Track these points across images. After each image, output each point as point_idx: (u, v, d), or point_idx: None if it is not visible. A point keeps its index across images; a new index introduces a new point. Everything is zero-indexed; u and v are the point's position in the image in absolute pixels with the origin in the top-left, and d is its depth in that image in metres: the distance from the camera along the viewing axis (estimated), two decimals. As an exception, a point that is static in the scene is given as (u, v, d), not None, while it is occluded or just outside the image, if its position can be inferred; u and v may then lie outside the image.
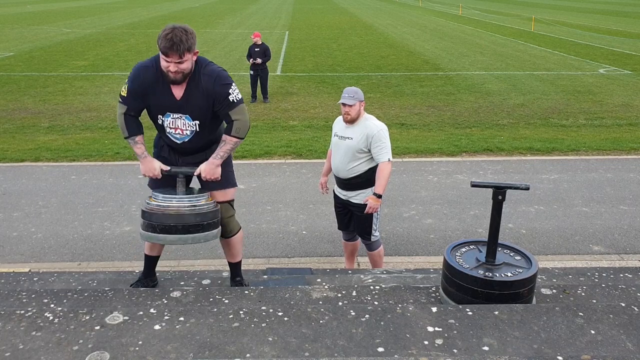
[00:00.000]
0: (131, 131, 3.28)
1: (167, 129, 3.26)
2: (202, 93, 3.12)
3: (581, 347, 2.50)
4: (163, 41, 2.96)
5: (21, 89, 13.52)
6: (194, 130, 3.23)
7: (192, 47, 3.04)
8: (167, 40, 2.94)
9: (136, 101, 3.20)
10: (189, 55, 3.03)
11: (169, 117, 3.21)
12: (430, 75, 15.75)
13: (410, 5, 54.01)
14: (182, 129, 3.23)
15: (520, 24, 33.52)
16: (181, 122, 3.20)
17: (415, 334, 2.59)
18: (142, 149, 3.30)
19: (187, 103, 3.15)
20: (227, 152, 3.28)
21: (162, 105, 3.19)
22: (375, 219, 4.38)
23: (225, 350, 2.46)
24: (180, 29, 3.00)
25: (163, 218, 3.21)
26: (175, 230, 3.20)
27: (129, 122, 3.26)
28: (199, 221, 3.23)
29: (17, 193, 6.80)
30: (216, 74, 3.16)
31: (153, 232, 3.24)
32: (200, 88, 3.12)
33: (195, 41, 3.07)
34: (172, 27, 3.00)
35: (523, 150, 8.65)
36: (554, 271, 4.21)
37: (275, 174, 7.60)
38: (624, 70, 16.84)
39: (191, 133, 3.24)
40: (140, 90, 3.16)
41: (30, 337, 2.53)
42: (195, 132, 3.24)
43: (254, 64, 11.77)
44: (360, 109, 4.22)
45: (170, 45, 2.94)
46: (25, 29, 28.24)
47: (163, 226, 3.21)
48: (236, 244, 3.71)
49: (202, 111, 3.18)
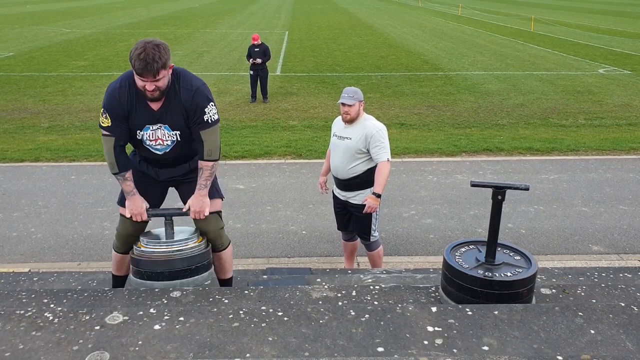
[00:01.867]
0: (121, 167, 3.15)
1: (147, 142, 3.12)
2: (180, 106, 3.01)
3: (581, 347, 2.50)
4: (136, 62, 2.82)
5: (21, 89, 13.52)
6: (175, 140, 3.12)
7: (167, 62, 2.90)
8: (140, 61, 2.80)
9: (121, 126, 3.05)
10: (164, 72, 2.89)
11: (148, 129, 3.08)
12: (430, 75, 15.75)
13: (410, 5, 54.01)
14: (163, 139, 3.10)
15: (519, 24, 33.53)
16: (161, 132, 3.08)
17: (415, 334, 2.59)
18: (131, 186, 3.20)
19: (166, 114, 3.04)
20: (208, 179, 3.18)
21: (140, 121, 3.06)
22: (374, 219, 4.38)
23: (225, 350, 2.46)
24: (151, 46, 2.84)
25: (150, 265, 3.17)
26: (163, 277, 3.15)
27: (119, 155, 3.12)
28: (185, 266, 3.17)
29: (16, 193, 6.80)
30: (195, 89, 3.03)
31: (141, 279, 3.20)
32: (178, 101, 3.00)
33: (169, 56, 2.93)
34: (143, 46, 2.83)
35: (523, 150, 8.66)
36: (553, 271, 4.21)
37: (275, 174, 7.60)
38: (623, 70, 16.85)
39: (172, 143, 3.12)
40: (121, 113, 3.02)
41: (30, 337, 2.53)
42: (176, 141, 3.12)
43: (253, 64, 11.78)
44: (359, 109, 4.22)
45: (144, 65, 2.81)
46: (25, 29, 28.23)
47: (150, 273, 3.17)
48: (228, 258, 3.55)
49: (182, 123, 3.07)
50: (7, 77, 14.99)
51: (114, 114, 3.02)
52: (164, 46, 2.91)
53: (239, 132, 9.78)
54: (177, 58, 18.57)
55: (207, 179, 3.18)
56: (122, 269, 3.59)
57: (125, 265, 3.56)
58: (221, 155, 3.16)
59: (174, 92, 3.01)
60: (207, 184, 3.19)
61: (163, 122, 3.06)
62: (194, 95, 3.01)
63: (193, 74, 3.14)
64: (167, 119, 3.06)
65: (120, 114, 3.02)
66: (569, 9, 49.33)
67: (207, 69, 16.55)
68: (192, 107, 3.01)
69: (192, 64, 17.39)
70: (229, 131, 9.84)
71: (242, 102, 12.28)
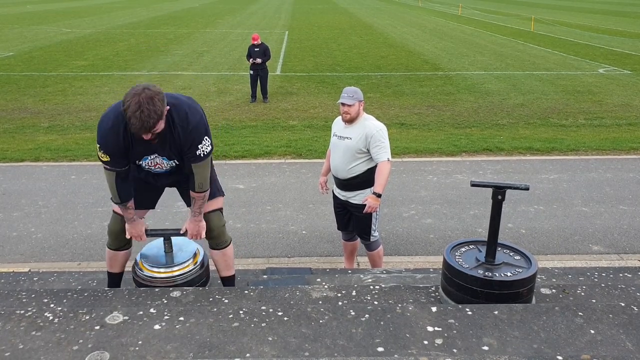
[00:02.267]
0: (124, 198, 3.17)
1: (147, 167, 3.19)
2: (176, 141, 3.01)
3: (581, 347, 2.50)
4: (132, 120, 2.71)
5: (21, 88, 13.51)
6: (173, 166, 3.19)
7: (162, 113, 2.79)
8: (137, 120, 2.71)
9: (121, 160, 3.04)
10: (161, 122, 2.83)
11: (147, 159, 3.12)
12: (430, 75, 15.75)
13: (410, 5, 54.00)
14: (162, 164, 3.16)
15: (519, 23, 33.52)
16: (160, 160, 3.13)
17: (415, 334, 2.59)
18: (132, 214, 3.26)
19: (163, 149, 3.05)
20: (201, 207, 3.28)
21: (138, 153, 3.07)
22: (374, 219, 4.38)
23: (225, 350, 2.46)
24: (146, 101, 2.69)
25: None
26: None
27: (122, 187, 3.13)
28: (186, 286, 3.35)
29: (16, 193, 6.80)
30: (192, 128, 2.98)
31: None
32: (174, 139, 3.01)
33: (164, 104, 2.80)
34: (138, 104, 2.69)
35: (522, 150, 8.66)
36: (553, 271, 4.21)
37: (275, 173, 7.60)
38: (623, 70, 16.85)
39: (171, 168, 3.21)
40: (117, 151, 2.98)
41: (30, 337, 2.53)
42: (175, 166, 3.20)
43: (253, 63, 11.78)
44: (359, 109, 4.22)
45: (140, 126, 2.73)
46: (25, 29, 28.23)
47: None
48: (230, 255, 3.65)
49: (176, 155, 3.12)
50: (7, 77, 14.98)
51: (110, 152, 2.99)
52: (159, 97, 2.77)
53: (239, 132, 9.78)
54: (177, 58, 18.58)
55: (201, 206, 3.29)
56: (115, 266, 3.62)
57: (118, 263, 3.60)
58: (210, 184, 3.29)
59: (169, 130, 2.97)
60: (201, 211, 3.31)
61: (160, 154, 3.10)
62: (190, 132, 3.00)
63: (187, 104, 3.04)
64: (165, 152, 3.09)
65: (117, 152, 2.99)
66: (569, 9, 49.33)
67: (207, 69, 16.55)
68: (187, 143, 3.03)
69: (192, 64, 17.39)
70: (228, 131, 9.84)
71: (242, 102, 12.27)
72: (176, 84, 14.07)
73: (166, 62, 17.63)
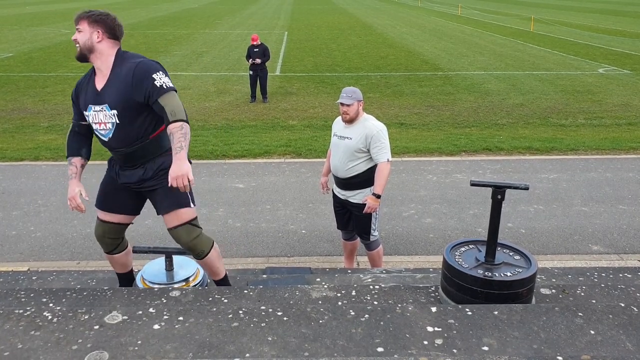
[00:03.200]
0: (70, 151, 3.23)
1: (94, 125, 3.13)
2: (123, 77, 2.99)
3: (581, 347, 2.49)
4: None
5: (20, 89, 13.51)
6: (114, 123, 3.05)
7: (94, 19, 3.03)
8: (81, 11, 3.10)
9: (76, 107, 3.20)
10: (84, 25, 3.02)
11: (91, 109, 3.08)
12: (430, 75, 15.75)
13: (409, 6, 54.01)
14: (105, 121, 3.07)
15: (519, 23, 33.53)
16: (103, 114, 3.06)
17: (414, 334, 2.58)
18: (72, 171, 3.22)
19: (107, 91, 3.03)
20: (181, 141, 2.85)
21: (85, 100, 3.11)
22: (374, 219, 4.38)
23: (224, 350, 2.45)
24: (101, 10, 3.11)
25: None
26: None
27: (71, 141, 3.24)
28: None
29: (16, 192, 6.79)
30: (140, 60, 3.03)
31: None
32: (122, 73, 3.00)
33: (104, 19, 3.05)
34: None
35: (522, 150, 8.66)
36: (553, 271, 4.21)
37: (274, 173, 7.59)
38: (623, 69, 16.85)
39: (112, 126, 3.06)
40: (74, 94, 3.17)
41: (29, 336, 2.53)
42: (115, 124, 3.06)
43: (253, 64, 11.77)
44: (358, 109, 4.21)
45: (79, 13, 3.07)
46: (25, 29, 28.22)
47: None
48: (213, 262, 3.42)
49: (120, 96, 2.99)
50: (7, 78, 14.98)
51: (73, 96, 3.21)
52: (106, 13, 3.08)
53: (239, 132, 9.77)
54: (176, 59, 18.58)
55: (180, 140, 2.87)
56: (116, 267, 3.63)
57: (117, 264, 3.60)
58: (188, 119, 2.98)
59: (119, 68, 3.03)
60: (183, 146, 2.86)
61: (104, 102, 3.04)
62: (137, 65, 2.99)
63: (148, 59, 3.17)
64: (107, 97, 3.03)
65: (74, 94, 3.18)
66: (569, 8, 49.35)
67: (206, 70, 16.55)
68: (137, 76, 2.96)
69: (192, 65, 17.38)
70: (228, 131, 9.84)
71: (241, 102, 12.27)
72: (176, 84, 13.96)
73: (165, 63, 17.62)
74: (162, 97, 2.95)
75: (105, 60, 3.06)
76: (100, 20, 3.04)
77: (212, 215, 6.11)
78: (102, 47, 3.04)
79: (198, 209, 3.41)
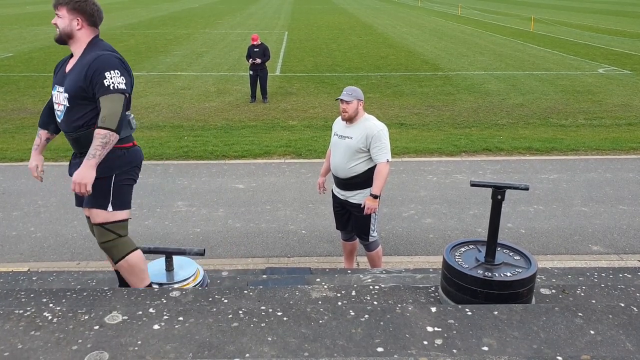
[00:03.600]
0: (41, 123, 3.35)
1: (55, 106, 3.20)
2: (82, 66, 3.01)
3: (581, 347, 2.50)
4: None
5: (20, 89, 13.51)
6: (65, 106, 3.09)
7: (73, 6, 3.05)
8: None
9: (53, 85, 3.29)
10: (64, 11, 3.04)
11: (55, 89, 3.17)
12: (430, 75, 15.75)
13: (409, 6, 54.01)
14: (61, 103, 3.13)
15: (519, 23, 33.53)
16: (62, 96, 3.10)
17: (414, 334, 2.58)
18: (36, 142, 3.36)
19: (70, 75, 3.08)
20: (98, 149, 2.84)
21: (55, 80, 3.20)
22: (373, 220, 4.38)
23: (224, 350, 2.45)
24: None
25: None
26: None
27: (44, 114, 3.33)
28: None
29: (16, 192, 6.79)
30: (102, 54, 3.01)
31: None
32: (84, 62, 3.03)
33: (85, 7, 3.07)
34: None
35: (522, 150, 8.66)
36: (553, 271, 4.21)
37: (274, 173, 7.59)
38: (623, 70, 16.85)
39: (64, 108, 3.10)
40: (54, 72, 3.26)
41: (29, 336, 2.53)
42: (66, 107, 3.09)
43: (253, 64, 11.78)
44: (358, 108, 4.21)
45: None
46: (25, 29, 28.22)
47: None
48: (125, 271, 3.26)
49: (74, 83, 3.01)
50: (7, 78, 14.98)
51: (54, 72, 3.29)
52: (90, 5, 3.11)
53: (239, 132, 9.77)
54: (176, 59, 18.58)
55: (97, 147, 2.83)
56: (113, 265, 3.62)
57: None
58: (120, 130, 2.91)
59: (84, 57, 3.07)
60: (96, 155, 2.83)
61: (64, 84, 3.10)
62: (96, 58, 2.99)
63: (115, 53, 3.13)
64: (67, 81, 3.07)
65: (54, 72, 3.26)
66: (569, 8, 49.34)
67: (206, 69, 16.55)
68: (92, 68, 2.96)
69: (192, 65, 17.38)
70: (228, 131, 9.84)
71: (241, 102, 12.27)
72: (176, 85, 14.07)
73: (165, 63, 17.62)
74: (104, 98, 2.92)
75: (79, 46, 3.12)
76: (79, 8, 3.07)
77: (212, 216, 6.11)
78: (80, 35, 3.11)
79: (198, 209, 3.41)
